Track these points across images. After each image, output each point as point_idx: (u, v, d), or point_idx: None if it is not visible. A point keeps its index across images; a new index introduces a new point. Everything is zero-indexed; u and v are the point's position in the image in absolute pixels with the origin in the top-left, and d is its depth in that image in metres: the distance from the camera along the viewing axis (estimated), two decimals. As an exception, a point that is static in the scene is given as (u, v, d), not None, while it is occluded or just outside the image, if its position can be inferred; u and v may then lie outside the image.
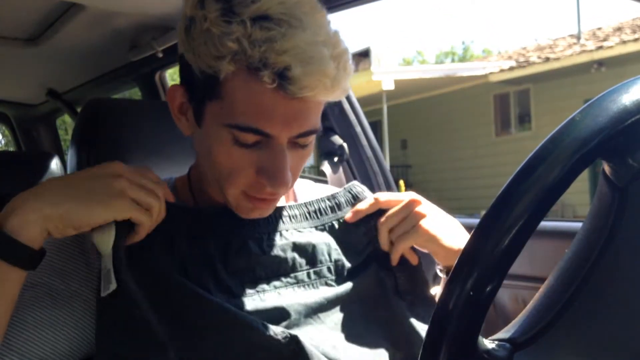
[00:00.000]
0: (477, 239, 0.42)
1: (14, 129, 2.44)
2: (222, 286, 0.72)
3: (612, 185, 0.46)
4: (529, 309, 0.48)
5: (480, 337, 0.44)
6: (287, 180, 0.71)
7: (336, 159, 1.56)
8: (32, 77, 1.99)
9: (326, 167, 1.57)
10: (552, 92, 10.50)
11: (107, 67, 1.77)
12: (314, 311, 0.74)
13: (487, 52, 25.56)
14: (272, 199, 0.75)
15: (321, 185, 0.97)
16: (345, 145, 1.55)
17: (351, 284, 0.78)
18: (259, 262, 0.75)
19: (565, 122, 0.43)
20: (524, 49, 12.74)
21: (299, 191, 0.91)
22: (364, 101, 7.72)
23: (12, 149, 2.84)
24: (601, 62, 9.58)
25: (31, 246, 0.64)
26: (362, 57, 11.51)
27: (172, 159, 1.10)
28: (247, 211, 0.76)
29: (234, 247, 0.74)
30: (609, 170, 0.46)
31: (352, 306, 0.77)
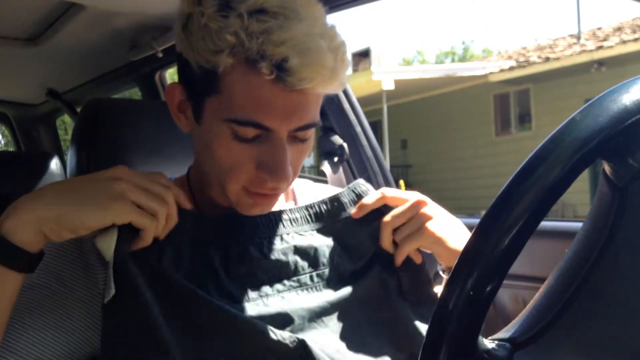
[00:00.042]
0: (477, 239, 0.42)
1: (14, 129, 2.44)
2: (224, 292, 0.71)
3: (612, 185, 0.46)
4: (529, 309, 0.48)
5: (480, 337, 0.44)
6: (288, 174, 0.71)
7: (336, 159, 1.56)
8: (32, 77, 1.99)
9: (326, 167, 1.57)
10: (552, 92, 10.50)
11: (107, 67, 1.77)
12: (318, 315, 0.73)
13: (487, 52, 25.56)
14: (273, 194, 0.75)
15: (321, 185, 0.97)
16: (345, 145, 1.55)
17: (354, 286, 0.77)
18: (261, 266, 0.74)
19: (565, 122, 0.43)
20: (524, 48, 12.74)
21: (299, 191, 0.91)
22: (364, 101, 7.72)
23: (12, 149, 2.84)
24: (601, 62, 9.58)
25: (26, 249, 0.63)
26: (362, 57, 11.51)
27: (172, 159, 1.10)
28: (248, 207, 0.75)
29: (235, 252, 0.74)
30: (609, 170, 0.45)
31: (355, 309, 0.76)
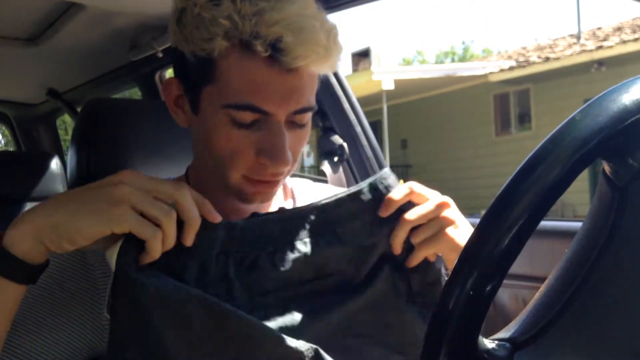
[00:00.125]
0: (477, 239, 0.42)
1: (14, 129, 2.44)
2: (235, 303, 0.68)
3: (612, 184, 0.46)
4: (529, 309, 0.48)
5: (480, 337, 0.44)
6: (287, 158, 0.71)
7: (336, 159, 1.56)
8: (32, 77, 1.99)
9: (326, 167, 1.57)
10: (552, 92, 10.50)
11: (107, 67, 1.77)
12: (329, 323, 0.71)
13: (487, 52, 25.56)
14: (274, 181, 0.75)
15: (320, 184, 0.97)
16: (345, 145, 1.55)
17: (364, 291, 0.74)
18: (270, 277, 0.71)
19: (565, 121, 0.43)
20: (524, 48, 12.74)
21: (298, 190, 0.91)
22: (364, 101, 7.71)
23: (12, 149, 2.84)
24: (601, 62, 9.58)
25: (27, 260, 0.60)
26: (362, 57, 11.52)
27: (172, 159, 1.10)
28: (249, 196, 0.75)
29: (246, 262, 0.70)
30: (609, 169, 0.45)
31: (364, 313, 0.74)
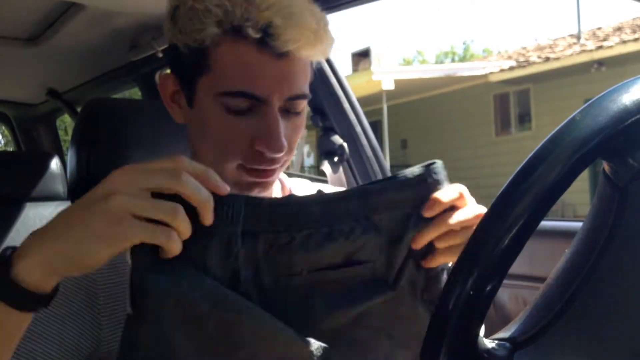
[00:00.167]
0: (477, 238, 0.42)
1: (14, 129, 2.44)
2: (259, 285, 0.63)
3: (612, 184, 0.46)
4: (529, 308, 0.48)
5: (480, 337, 0.44)
6: (283, 144, 0.71)
7: (336, 159, 1.56)
8: (32, 77, 1.99)
9: (326, 166, 1.57)
10: (552, 92, 10.50)
11: (107, 67, 1.77)
12: (348, 313, 0.67)
13: (488, 52, 25.56)
14: (271, 170, 0.75)
15: (318, 184, 0.97)
16: (345, 145, 1.55)
17: (394, 285, 0.70)
18: (301, 260, 0.64)
19: (565, 121, 0.43)
20: (524, 48, 12.74)
21: (296, 190, 0.91)
22: (364, 101, 7.72)
23: (12, 149, 2.85)
24: (601, 62, 9.58)
25: (38, 291, 0.57)
26: (362, 57, 11.52)
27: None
28: (247, 186, 0.75)
29: (279, 243, 0.63)
30: (609, 169, 0.46)
31: (382, 306, 0.70)
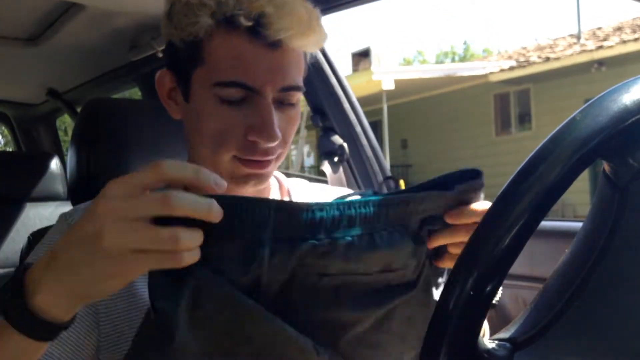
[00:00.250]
0: (477, 238, 0.42)
1: (14, 129, 2.44)
2: (290, 294, 0.59)
3: (612, 184, 0.46)
4: (529, 309, 0.48)
5: (480, 337, 0.44)
6: (276, 133, 0.72)
7: (336, 159, 1.56)
8: (32, 77, 1.99)
9: (326, 167, 1.57)
10: (552, 92, 10.50)
11: (107, 67, 1.77)
12: (372, 317, 0.64)
13: (488, 52, 25.54)
14: (265, 161, 0.75)
15: (316, 184, 0.97)
16: (345, 145, 1.55)
17: (416, 287, 0.67)
18: (338, 267, 0.60)
19: (565, 121, 0.43)
20: (524, 48, 12.74)
21: (294, 190, 0.92)
22: (364, 101, 7.72)
23: (12, 149, 2.85)
24: (601, 62, 9.58)
25: (60, 323, 0.55)
26: (362, 57, 11.52)
27: (172, 159, 1.10)
28: (243, 179, 0.76)
29: (316, 252, 0.58)
30: (609, 170, 0.46)
31: (401, 309, 0.67)
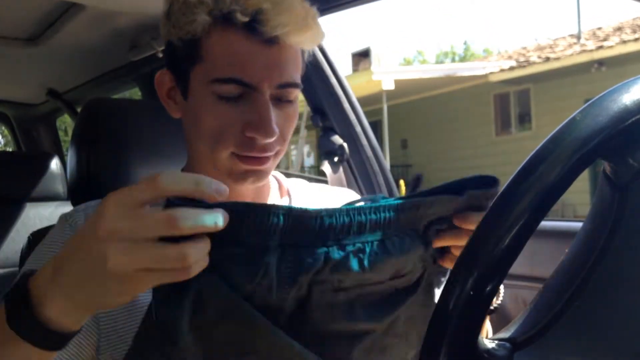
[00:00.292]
0: (477, 238, 0.42)
1: (14, 129, 2.44)
2: (306, 306, 0.58)
3: (612, 184, 0.46)
4: (529, 309, 0.48)
5: (480, 337, 0.44)
6: (273, 129, 0.72)
7: (336, 159, 1.56)
8: (32, 77, 1.99)
9: (326, 167, 1.57)
10: (552, 92, 10.50)
11: (107, 67, 1.77)
12: (383, 323, 0.64)
13: (488, 52, 25.53)
14: (264, 158, 0.75)
15: (315, 184, 0.97)
16: (345, 145, 1.55)
17: (420, 289, 0.67)
18: (352, 278, 0.59)
19: (565, 121, 0.43)
20: (524, 48, 12.74)
21: (293, 190, 0.92)
22: (364, 101, 7.72)
23: (12, 149, 2.85)
24: (601, 62, 9.58)
25: (72, 332, 0.55)
26: (362, 57, 11.53)
27: (173, 159, 1.10)
28: (241, 175, 0.76)
29: (335, 259, 0.58)
30: (609, 169, 0.46)
31: (407, 311, 0.66)
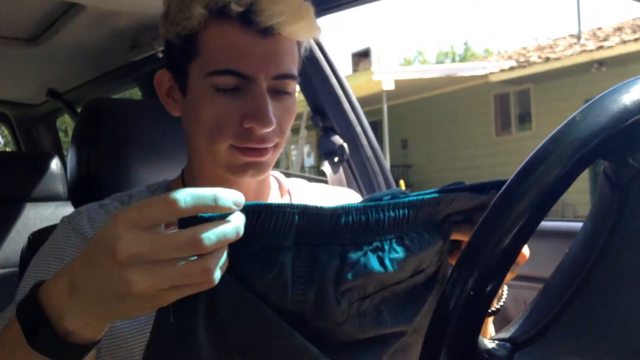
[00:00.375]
0: (477, 238, 0.42)
1: (14, 129, 2.44)
2: (325, 305, 0.57)
3: (612, 184, 0.46)
4: (529, 309, 0.48)
5: (480, 337, 0.44)
6: (270, 119, 0.73)
7: (336, 159, 1.56)
8: (32, 77, 1.99)
9: (326, 167, 1.57)
10: (553, 92, 10.50)
11: (107, 67, 1.77)
12: (408, 322, 0.63)
13: (488, 52, 25.53)
14: (263, 149, 0.75)
15: (315, 184, 0.97)
16: (345, 145, 1.55)
17: (437, 284, 0.66)
18: (375, 279, 0.58)
19: (565, 122, 0.43)
20: (524, 49, 12.74)
21: (293, 189, 0.92)
22: (364, 101, 7.72)
23: (12, 149, 2.85)
24: (601, 62, 9.58)
25: (91, 343, 0.53)
26: (362, 57, 11.52)
27: (173, 159, 1.10)
28: (241, 168, 0.76)
29: (352, 258, 0.57)
30: (609, 169, 0.46)
31: (425, 307, 0.66)
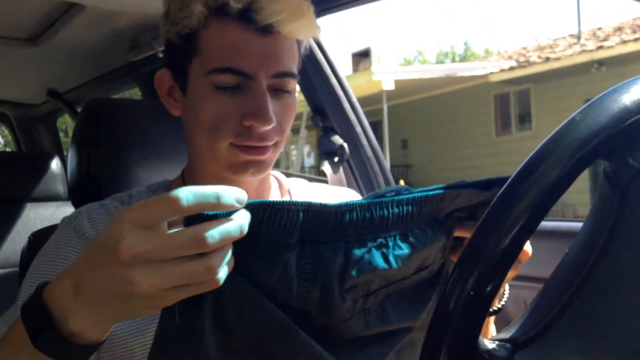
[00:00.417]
0: (477, 238, 0.42)
1: (14, 129, 2.44)
2: (332, 303, 0.57)
3: (612, 184, 0.46)
4: (529, 309, 0.48)
5: (480, 337, 0.44)
6: (270, 116, 0.73)
7: (336, 159, 1.56)
8: (32, 77, 1.99)
9: (326, 167, 1.57)
10: (553, 92, 10.50)
11: (107, 67, 1.77)
12: (413, 319, 0.63)
13: (488, 52, 25.52)
14: (263, 147, 0.75)
15: (315, 184, 0.97)
16: (345, 145, 1.55)
17: (439, 279, 0.66)
18: (379, 275, 0.58)
19: (565, 122, 0.43)
20: (524, 48, 12.74)
21: (294, 189, 0.92)
22: (364, 101, 7.72)
23: (12, 149, 2.85)
24: (601, 62, 9.58)
25: (97, 343, 0.53)
26: (362, 57, 11.52)
27: (173, 159, 1.10)
28: (241, 166, 0.76)
29: (356, 255, 0.57)
30: (609, 169, 0.46)
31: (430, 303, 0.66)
